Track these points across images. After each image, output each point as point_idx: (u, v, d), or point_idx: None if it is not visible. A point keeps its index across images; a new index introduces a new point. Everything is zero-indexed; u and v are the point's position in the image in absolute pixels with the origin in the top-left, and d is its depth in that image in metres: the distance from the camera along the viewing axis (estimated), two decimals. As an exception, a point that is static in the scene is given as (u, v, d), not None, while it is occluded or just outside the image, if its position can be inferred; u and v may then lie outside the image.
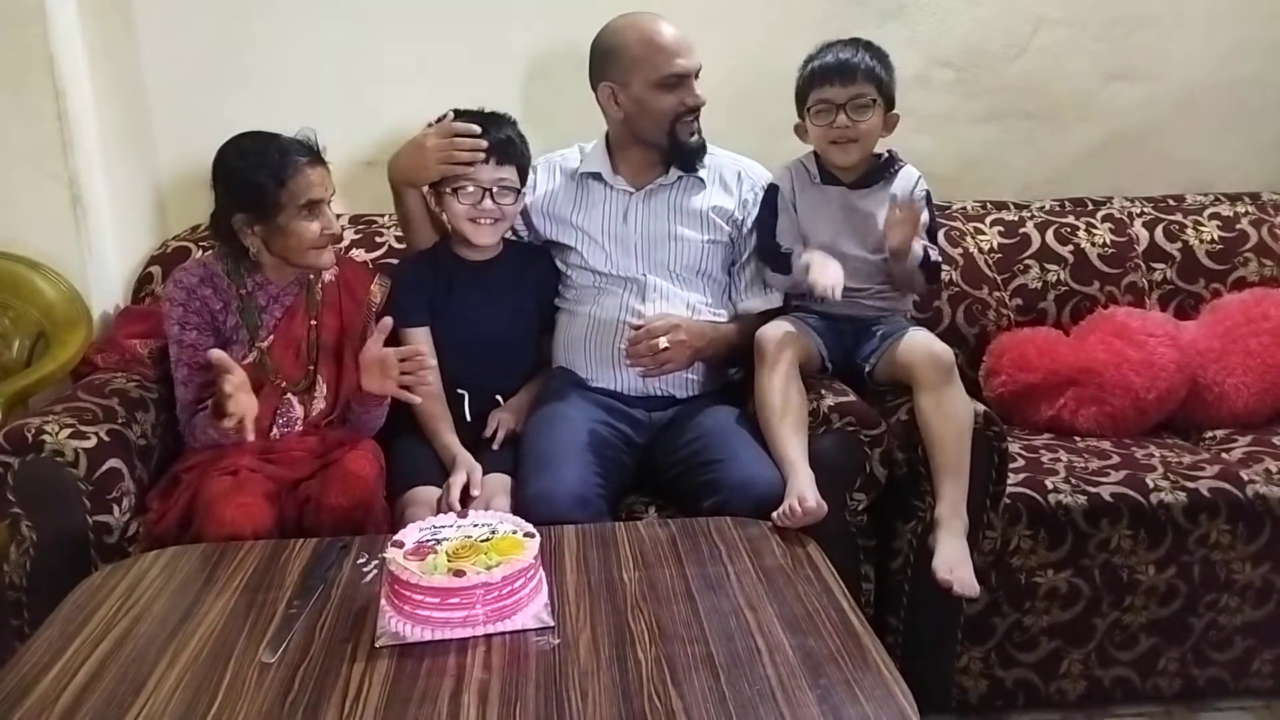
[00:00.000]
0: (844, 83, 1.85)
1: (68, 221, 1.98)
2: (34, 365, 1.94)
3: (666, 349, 1.83)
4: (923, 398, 1.76)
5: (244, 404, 1.64)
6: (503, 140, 1.86)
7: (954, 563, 1.66)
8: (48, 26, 1.89)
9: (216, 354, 1.63)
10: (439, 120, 1.88)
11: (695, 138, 1.95)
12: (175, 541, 1.59)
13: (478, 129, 1.84)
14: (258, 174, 1.71)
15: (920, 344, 1.83)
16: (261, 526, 1.60)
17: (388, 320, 1.72)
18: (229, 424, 1.62)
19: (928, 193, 1.95)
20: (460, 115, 1.88)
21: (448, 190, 1.86)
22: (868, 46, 1.90)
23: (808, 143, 1.95)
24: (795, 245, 1.94)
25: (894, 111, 1.90)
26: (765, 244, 1.97)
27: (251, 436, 1.65)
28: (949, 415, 1.74)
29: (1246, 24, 2.47)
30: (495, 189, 1.86)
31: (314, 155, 1.76)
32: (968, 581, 1.65)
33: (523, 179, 1.91)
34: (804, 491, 1.57)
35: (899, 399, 1.85)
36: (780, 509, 1.55)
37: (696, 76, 1.92)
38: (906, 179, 1.94)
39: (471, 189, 1.85)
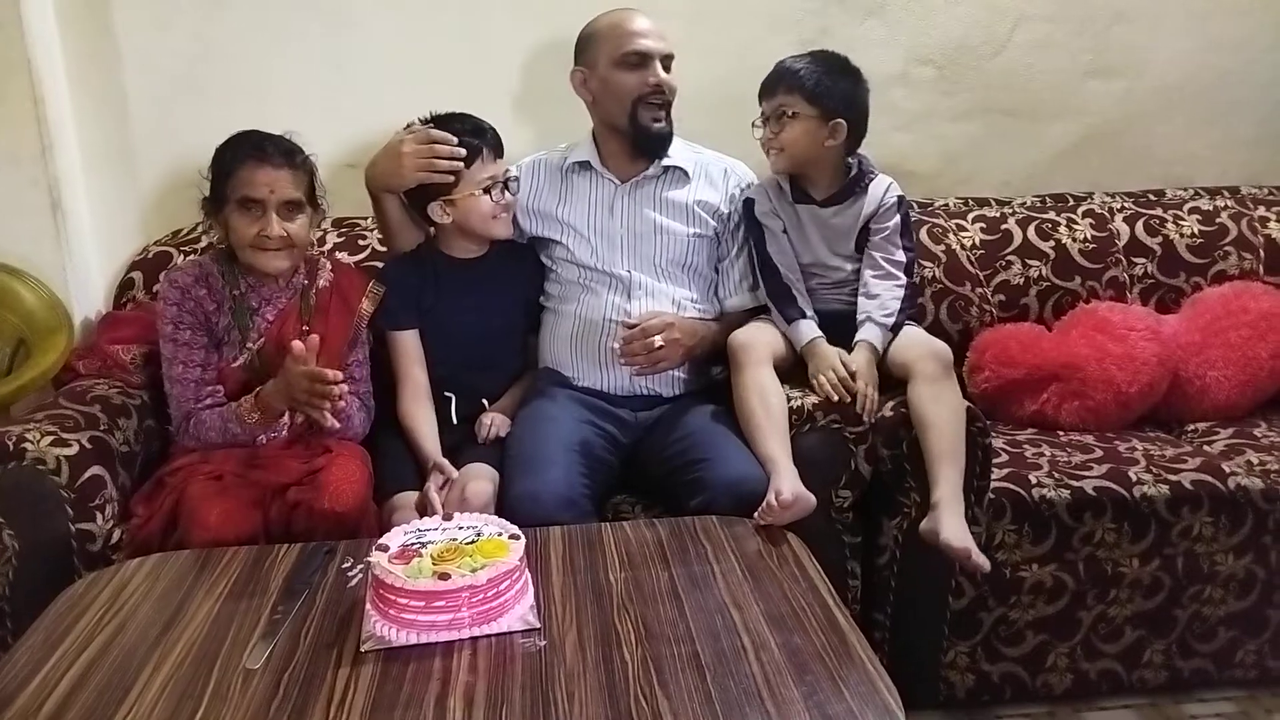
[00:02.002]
0: (768, 96, 1.91)
1: (48, 227, 1.97)
2: (15, 372, 1.92)
3: (661, 347, 1.83)
4: (920, 388, 1.77)
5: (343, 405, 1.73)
6: (492, 134, 1.90)
7: (962, 536, 1.65)
8: (25, 32, 1.88)
9: (298, 345, 1.65)
10: (408, 127, 1.89)
11: (660, 124, 1.94)
12: (160, 546, 1.58)
13: (454, 139, 1.84)
14: (216, 162, 1.78)
15: (919, 339, 1.87)
16: (246, 531, 1.59)
17: (314, 338, 1.70)
18: (331, 411, 1.67)
19: (900, 198, 1.96)
20: (439, 119, 1.89)
21: (475, 193, 1.86)
22: (820, 60, 1.89)
23: None
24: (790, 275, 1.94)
25: (837, 120, 1.87)
26: (768, 272, 1.95)
27: (335, 425, 1.70)
28: (945, 404, 1.76)
29: (1223, 19, 2.49)
30: (507, 181, 1.90)
31: (271, 156, 1.75)
32: (980, 554, 1.64)
33: None
34: (780, 485, 1.57)
35: (884, 395, 1.85)
36: (760, 507, 1.55)
37: (666, 66, 1.92)
38: (877, 190, 1.94)
39: (493, 186, 1.87)
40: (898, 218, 1.94)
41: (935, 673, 1.90)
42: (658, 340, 1.83)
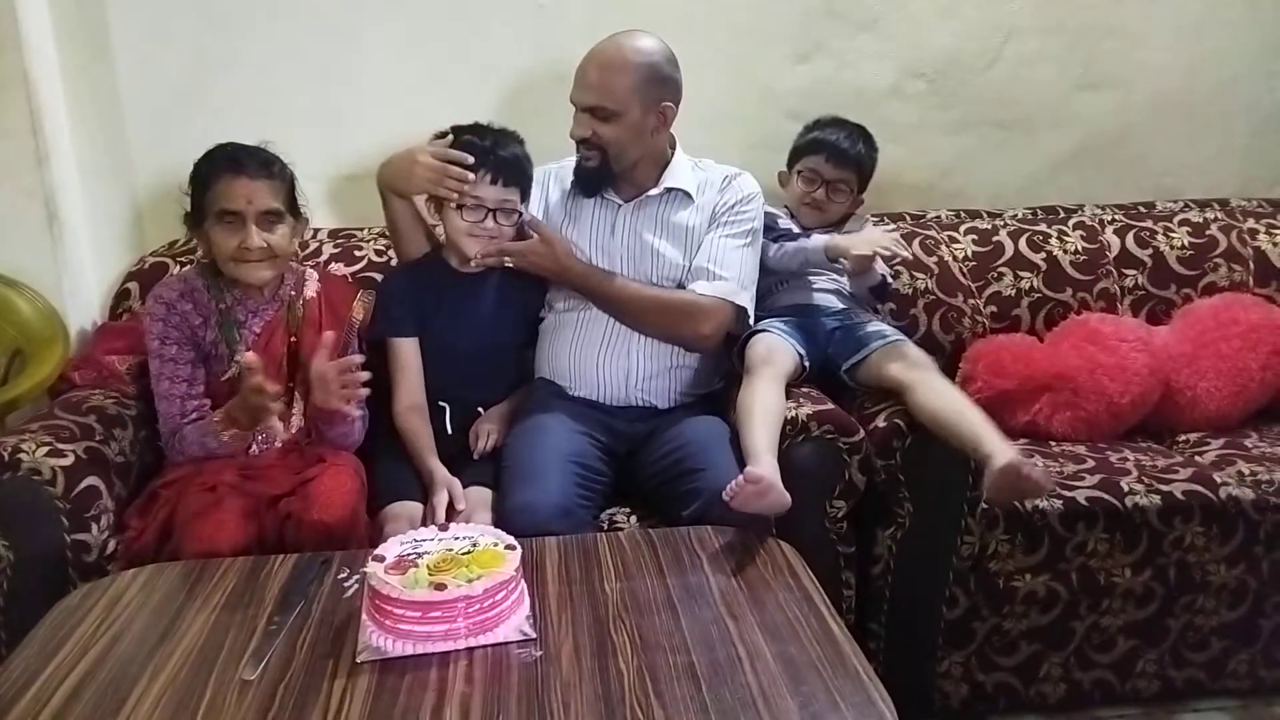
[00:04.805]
0: (837, 165, 2.11)
1: (44, 238, 1.97)
2: (10, 383, 1.92)
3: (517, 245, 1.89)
4: (914, 395, 1.81)
5: (278, 406, 1.69)
6: (509, 160, 1.86)
7: (1020, 455, 1.65)
8: (22, 44, 1.88)
9: (251, 356, 1.65)
10: (440, 136, 1.89)
11: (588, 163, 1.93)
12: (154, 559, 1.58)
13: (470, 159, 1.84)
14: (194, 177, 1.78)
15: (896, 353, 1.91)
16: (239, 543, 1.59)
17: (329, 335, 1.72)
18: (274, 422, 1.65)
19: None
20: (469, 131, 1.88)
21: (451, 205, 1.86)
22: (865, 138, 2.15)
23: (786, 192, 2.17)
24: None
25: (861, 196, 2.17)
26: (788, 237, 2.09)
27: (282, 440, 1.68)
28: (944, 391, 1.82)
29: (1213, 32, 2.51)
30: (499, 210, 1.87)
31: (247, 167, 1.74)
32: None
33: (525, 198, 1.92)
34: (750, 469, 1.58)
35: (877, 406, 1.87)
36: (729, 485, 1.55)
37: (600, 116, 1.87)
38: (854, 223, 2.17)
39: (475, 207, 1.86)
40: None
41: (930, 683, 1.90)
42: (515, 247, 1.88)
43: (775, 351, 1.89)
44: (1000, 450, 1.65)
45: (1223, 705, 2.00)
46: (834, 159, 2.10)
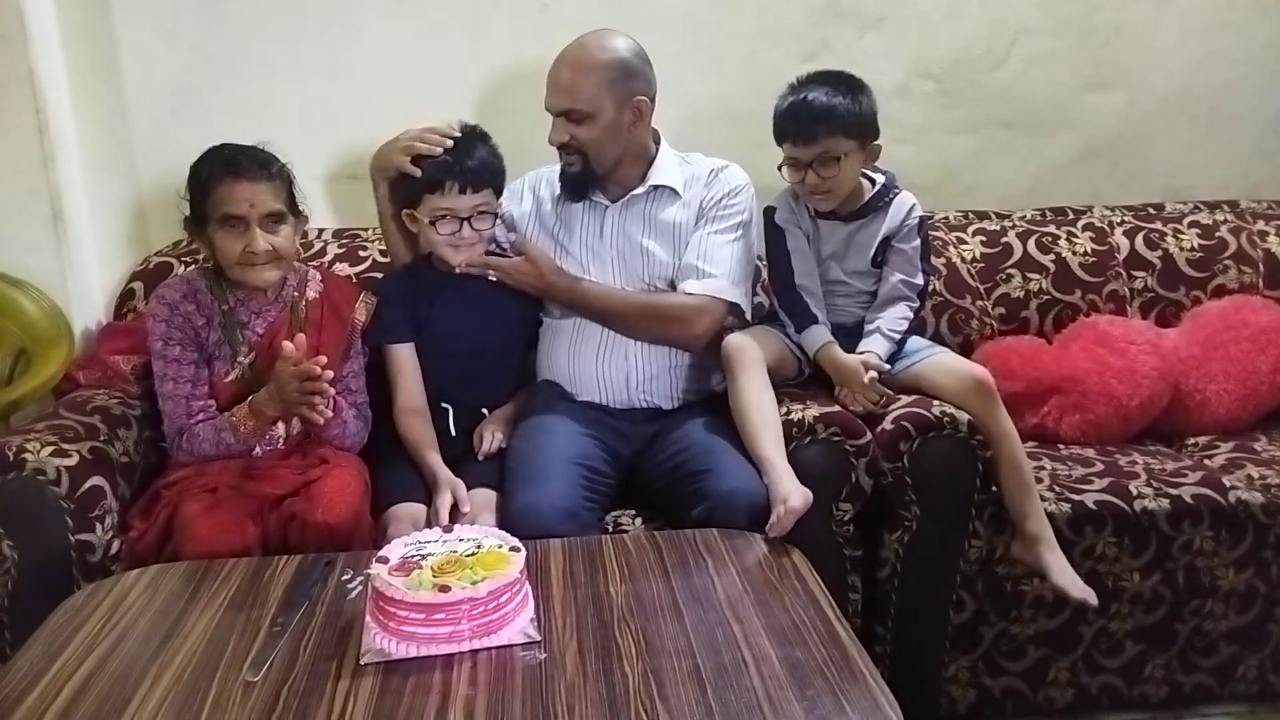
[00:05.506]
0: (805, 143, 1.83)
1: (48, 237, 1.97)
2: (15, 383, 1.92)
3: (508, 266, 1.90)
4: (984, 425, 1.78)
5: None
6: (474, 168, 1.85)
7: (1074, 576, 1.74)
8: (28, 42, 1.88)
9: (288, 345, 1.65)
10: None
11: (571, 168, 1.93)
12: (155, 559, 1.58)
13: (443, 139, 1.84)
14: (193, 181, 1.77)
15: (959, 369, 1.85)
16: (240, 544, 1.59)
17: (301, 337, 1.70)
18: (322, 404, 1.66)
19: (922, 219, 1.96)
20: (461, 134, 1.88)
21: (426, 220, 1.86)
22: (835, 85, 1.83)
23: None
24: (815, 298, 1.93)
25: (875, 142, 1.87)
26: (780, 283, 1.95)
27: (328, 415, 1.70)
28: (1009, 435, 1.78)
29: (1221, 33, 2.50)
30: (473, 216, 1.86)
31: (246, 170, 1.73)
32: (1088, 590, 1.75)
33: (499, 194, 1.92)
34: (785, 493, 1.58)
35: (885, 407, 1.85)
36: (771, 519, 1.55)
37: (573, 119, 1.87)
38: (899, 208, 1.93)
39: (449, 220, 1.85)
40: (918, 240, 1.94)
41: (936, 687, 1.89)
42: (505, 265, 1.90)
43: (745, 348, 1.83)
44: (1047, 541, 1.77)
45: (1231, 711, 1.99)
46: (801, 138, 1.82)
